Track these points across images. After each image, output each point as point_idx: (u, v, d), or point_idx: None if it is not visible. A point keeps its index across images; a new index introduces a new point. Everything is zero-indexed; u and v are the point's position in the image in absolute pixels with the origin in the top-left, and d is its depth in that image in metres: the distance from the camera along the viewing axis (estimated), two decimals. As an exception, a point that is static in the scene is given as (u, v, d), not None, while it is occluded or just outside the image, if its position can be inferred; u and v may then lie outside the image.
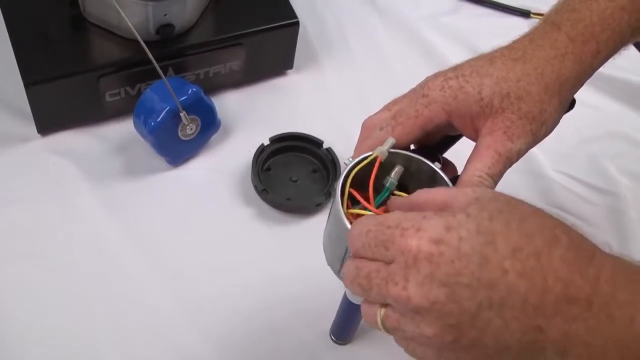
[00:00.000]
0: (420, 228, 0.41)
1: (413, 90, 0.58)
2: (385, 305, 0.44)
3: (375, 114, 0.59)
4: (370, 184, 0.52)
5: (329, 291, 0.65)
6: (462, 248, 0.40)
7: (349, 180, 0.52)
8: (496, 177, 0.53)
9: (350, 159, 0.54)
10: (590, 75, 0.58)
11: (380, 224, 0.43)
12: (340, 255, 0.52)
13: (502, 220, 0.41)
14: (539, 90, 0.55)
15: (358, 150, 0.57)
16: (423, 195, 0.46)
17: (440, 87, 0.55)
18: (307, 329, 0.71)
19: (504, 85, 0.54)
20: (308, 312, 0.72)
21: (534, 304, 0.40)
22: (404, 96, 0.58)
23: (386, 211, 0.52)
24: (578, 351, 0.40)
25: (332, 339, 0.71)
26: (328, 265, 0.56)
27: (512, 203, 0.43)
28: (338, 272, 0.55)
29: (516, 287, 0.40)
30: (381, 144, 0.54)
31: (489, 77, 0.54)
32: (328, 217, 0.56)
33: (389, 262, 0.43)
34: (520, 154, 0.54)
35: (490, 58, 0.56)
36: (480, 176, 0.53)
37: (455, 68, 0.56)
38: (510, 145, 0.53)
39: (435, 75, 0.57)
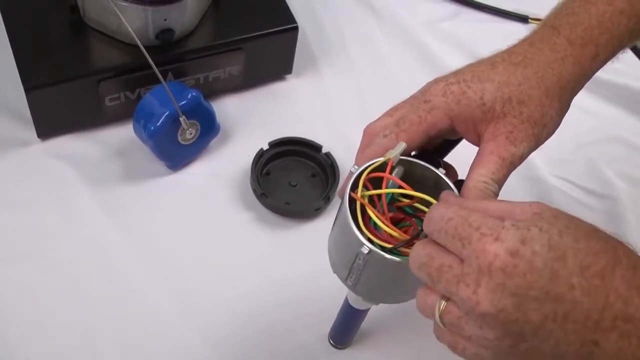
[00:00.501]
0: (498, 238, 0.42)
1: (414, 97, 0.57)
2: (446, 297, 0.45)
3: (377, 120, 0.58)
4: (383, 186, 0.52)
5: (328, 295, 0.65)
6: (534, 262, 0.41)
7: (360, 185, 0.51)
8: (500, 182, 0.54)
9: (356, 167, 0.53)
10: (590, 78, 0.59)
11: (463, 218, 0.44)
12: (348, 263, 0.52)
13: (571, 236, 0.42)
14: (539, 94, 0.55)
15: (361, 157, 0.57)
16: (480, 204, 0.47)
17: (443, 92, 0.55)
18: (306, 333, 0.71)
19: (506, 90, 0.54)
20: (307, 316, 0.72)
21: (595, 320, 0.41)
22: (405, 102, 0.58)
23: (393, 217, 0.52)
24: None
25: (330, 343, 0.71)
26: (334, 272, 0.56)
27: (575, 220, 0.44)
28: (345, 280, 0.54)
29: (581, 303, 0.41)
30: (385, 151, 0.54)
31: (490, 82, 0.55)
32: (334, 224, 0.55)
33: (460, 258, 0.43)
34: (523, 157, 0.55)
35: (491, 63, 0.56)
36: (485, 181, 0.53)
37: (456, 73, 0.56)
38: (514, 150, 0.53)
39: (436, 81, 0.57)
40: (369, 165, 0.53)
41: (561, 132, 0.58)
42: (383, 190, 0.51)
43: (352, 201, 0.51)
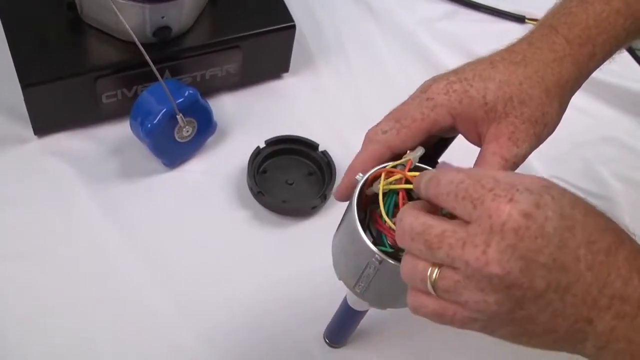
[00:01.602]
0: (513, 199, 0.41)
1: (413, 97, 0.57)
2: (439, 265, 0.43)
3: (378, 123, 0.57)
4: (400, 198, 0.50)
5: (324, 294, 0.65)
6: (546, 227, 0.41)
7: (381, 189, 0.50)
8: None
9: (361, 175, 0.52)
10: (587, 77, 0.59)
11: (475, 179, 0.43)
12: (357, 271, 0.51)
13: (582, 210, 0.42)
14: (540, 93, 0.55)
15: (360, 157, 0.55)
16: (488, 173, 0.45)
17: (445, 90, 0.55)
18: (302, 331, 0.72)
19: (507, 90, 0.54)
20: (303, 315, 0.72)
21: (594, 296, 0.41)
22: (404, 103, 0.57)
23: None
24: (620, 346, 0.42)
25: (326, 341, 0.71)
26: (339, 279, 0.55)
27: (581, 198, 0.44)
28: (353, 287, 0.54)
29: (584, 276, 0.41)
30: (385, 147, 0.53)
31: (492, 81, 0.55)
32: (338, 231, 0.55)
33: (466, 221, 0.42)
34: (525, 157, 0.55)
35: (490, 61, 0.56)
36: None
37: (457, 72, 0.56)
38: (516, 150, 0.54)
39: (436, 79, 0.56)
40: (380, 168, 0.51)
41: (557, 131, 0.58)
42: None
43: (359, 210, 0.50)
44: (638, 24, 0.59)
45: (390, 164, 0.52)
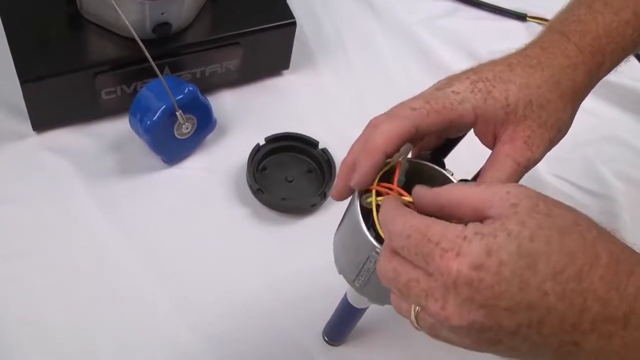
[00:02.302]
0: (460, 252, 0.40)
1: (432, 91, 0.54)
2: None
3: (404, 101, 0.54)
4: (394, 185, 0.50)
5: (324, 292, 0.65)
6: (502, 272, 0.40)
7: (374, 203, 0.50)
8: None
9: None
10: (594, 86, 0.59)
11: (421, 234, 0.43)
12: (358, 265, 0.51)
13: (543, 238, 0.41)
14: (556, 98, 0.55)
15: (384, 131, 0.51)
16: (455, 193, 0.45)
17: (471, 89, 0.53)
18: (301, 329, 0.71)
19: (527, 92, 0.54)
20: (302, 313, 0.72)
21: (572, 323, 0.40)
22: (425, 92, 0.54)
23: None
24: None
25: (325, 339, 0.71)
26: (339, 273, 0.55)
27: (552, 214, 0.42)
28: (352, 281, 0.53)
29: (555, 308, 0.40)
30: (413, 125, 0.51)
31: (512, 83, 0.54)
32: (340, 226, 0.55)
33: (427, 272, 0.43)
34: (537, 161, 0.54)
35: (507, 64, 0.56)
36: None
37: (476, 71, 0.55)
38: (530, 155, 0.53)
39: (453, 78, 0.55)
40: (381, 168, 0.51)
41: (559, 130, 0.58)
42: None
43: (362, 205, 0.50)
44: None
45: (387, 161, 0.51)
